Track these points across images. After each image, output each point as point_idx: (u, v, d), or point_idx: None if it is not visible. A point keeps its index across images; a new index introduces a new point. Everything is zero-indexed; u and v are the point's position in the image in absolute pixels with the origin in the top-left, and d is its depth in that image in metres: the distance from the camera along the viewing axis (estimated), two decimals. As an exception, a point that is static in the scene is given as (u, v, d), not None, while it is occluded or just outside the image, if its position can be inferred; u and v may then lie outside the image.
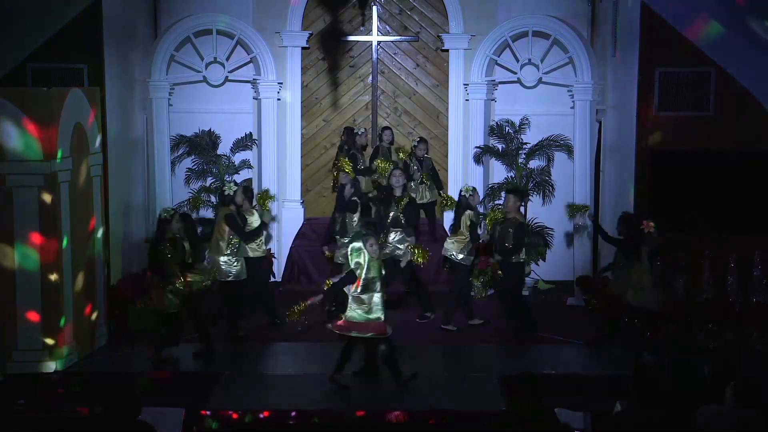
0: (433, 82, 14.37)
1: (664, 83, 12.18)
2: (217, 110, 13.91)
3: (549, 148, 13.45)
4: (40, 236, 9.90)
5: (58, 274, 10.00)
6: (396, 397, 9.38)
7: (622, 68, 12.83)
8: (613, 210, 13.24)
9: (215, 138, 13.57)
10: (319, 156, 14.51)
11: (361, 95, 14.46)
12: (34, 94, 10.07)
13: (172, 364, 10.37)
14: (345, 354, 9.66)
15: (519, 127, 13.41)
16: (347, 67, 14.40)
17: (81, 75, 12.00)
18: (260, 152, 13.79)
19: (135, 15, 13.28)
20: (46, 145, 9.85)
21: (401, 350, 10.09)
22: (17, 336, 9.95)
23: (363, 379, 9.81)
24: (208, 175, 13.53)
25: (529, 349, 10.93)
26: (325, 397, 9.45)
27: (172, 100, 13.57)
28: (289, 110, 13.93)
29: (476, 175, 13.70)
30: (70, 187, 10.23)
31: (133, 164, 13.28)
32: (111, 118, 12.16)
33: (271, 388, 9.75)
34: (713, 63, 11.98)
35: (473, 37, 13.75)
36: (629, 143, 12.49)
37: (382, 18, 14.25)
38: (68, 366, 10.16)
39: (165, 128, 13.41)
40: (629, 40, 12.46)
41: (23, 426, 7.23)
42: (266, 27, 13.76)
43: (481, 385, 9.70)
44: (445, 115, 14.21)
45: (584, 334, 11.28)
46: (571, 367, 10.45)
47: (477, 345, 11.15)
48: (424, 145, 13.27)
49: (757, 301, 11.02)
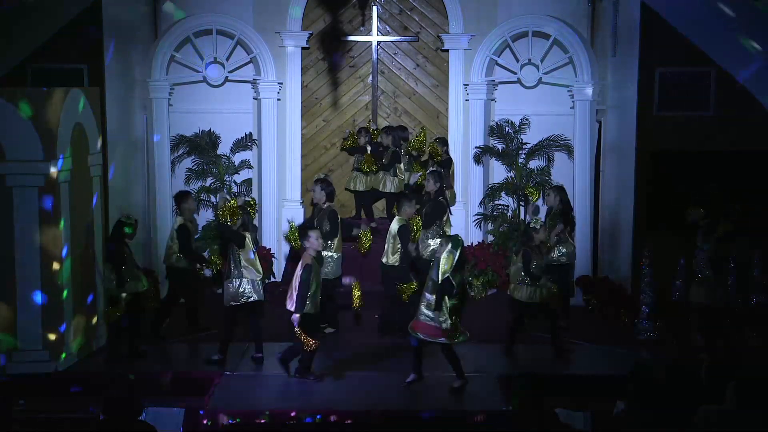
0: (433, 82, 14.36)
1: (664, 83, 12.19)
2: (217, 110, 13.90)
3: (549, 148, 13.44)
4: (41, 236, 9.90)
5: (58, 274, 10.00)
6: (396, 397, 9.39)
7: (622, 68, 12.83)
8: (613, 210, 13.26)
9: (215, 138, 13.57)
10: (319, 156, 14.51)
11: (361, 95, 14.46)
12: (34, 94, 10.07)
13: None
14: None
15: (519, 127, 13.41)
16: (347, 67, 14.40)
17: (81, 75, 12.01)
18: (260, 152, 13.78)
19: (135, 15, 13.27)
20: (46, 145, 9.85)
21: (401, 349, 10.10)
22: (17, 336, 9.95)
23: (364, 379, 9.82)
24: (208, 176, 13.53)
25: (529, 349, 10.93)
26: (326, 397, 9.45)
27: (172, 100, 13.57)
28: (289, 110, 13.93)
29: (476, 175, 13.70)
30: (70, 187, 10.24)
31: (133, 164, 13.28)
32: (111, 118, 12.16)
33: (271, 388, 9.76)
34: (713, 63, 11.99)
35: (473, 37, 13.74)
36: (629, 143, 12.50)
37: (382, 18, 14.25)
38: (68, 366, 10.16)
39: (165, 128, 13.41)
40: (629, 40, 12.47)
41: (23, 426, 7.23)
42: (266, 27, 13.76)
43: (481, 385, 9.70)
44: (445, 115, 14.20)
45: (584, 334, 11.30)
46: (571, 367, 10.46)
47: (477, 345, 11.15)
48: (443, 145, 13.20)
49: (757, 301, 11.03)
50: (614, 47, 13.09)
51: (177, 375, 10.06)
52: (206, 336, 11.31)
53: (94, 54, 12.04)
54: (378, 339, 11.33)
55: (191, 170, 13.59)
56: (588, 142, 13.40)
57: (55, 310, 10.01)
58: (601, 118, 13.67)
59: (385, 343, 11.15)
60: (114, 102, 12.35)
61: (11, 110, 9.79)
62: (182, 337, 11.30)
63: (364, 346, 11.12)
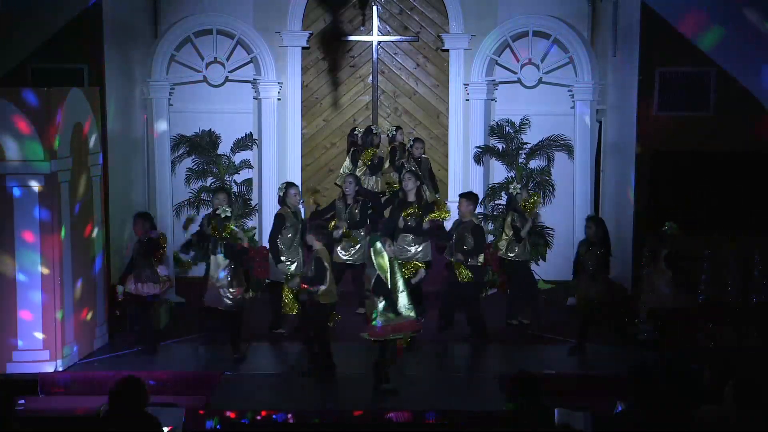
0: (433, 82, 14.36)
1: (664, 83, 12.19)
2: (217, 110, 13.91)
3: (549, 148, 13.44)
4: (40, 236, 9.91)
5: (58, 274, 10.00)
6: (397, 398, 9.39)
7: (622, 68, 12.83)
8: (613, 210, 13.26)
9: (215, 138, 13.57)
10: (319, 156, 14.51)
11: (361, 95, 14.46)
12: (34, 94, 10.07)
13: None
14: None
15: (519, 127, 13.41)
16: (347, 67, 14.40)
17: (81, 75, 12.00)
18: (260, 152, 13.79)
19: (135, 15, 13.27)
20: (46, 145, 9.85)
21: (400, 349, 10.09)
22: (17, 336, 9.95)
23: (362, 380, 9.83)
24: (209, 175, 13.53)
25: (529, 349, 10.93)
26: (325, 397, 9.46)
27: (172, 100, 13.57)
28: (289, 110, 13.93)
29: (476, 175, 13.70)
30: (70, 187, 10.24)
31: (133, 164, 13.28)
32: (111, 118, 12.16)
33: (271, 388, 9.76)
34: (713, 63, 11.99)
35: (473, 37, 13.75)
36: (629, 143, 12.50)
37: (383, 18, 14.25)
38: (68, 366, 10.17)
39: (165, 128, 13.42)
40: (629, 40, 12.47)
41: (23, 426, 7.22)
42: (266, 27, 13.76)
43: (481, 385, 9.70)
44: (446, 115, 14.20)
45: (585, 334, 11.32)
46: (571, 367, 10.46)
47: (477, 345, 11.15)
48: (420, 144, 13.26)
49: (757, 301, 11.03)
50: (614, 47, 13.10)
51: (177, 375, 10.08)
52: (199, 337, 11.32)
53: (94, 54, 12.03)
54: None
55: (191, 170, 13.58)
56: (588, 142, 13.40)
57: (56, 311, 10.01)
58: (601, 118, 13.67)
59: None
60: (114, 102, 12.35)
61: (11, 110, 9.79)
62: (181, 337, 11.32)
63: (365, 345, 11.13)
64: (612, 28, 13.07)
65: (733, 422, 6.53)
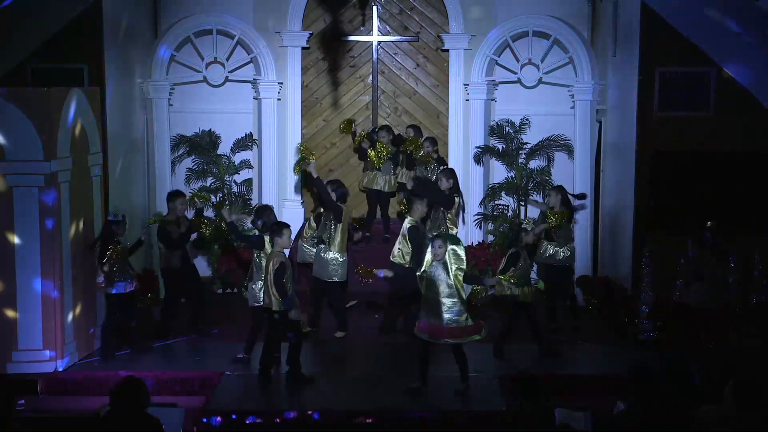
0: (433, 82, 14.36)
1: (664, 83, 12.19)
2: (217, 110, 13.91)
3: (549, 148, 13.45)
4: (40, 236, 9.90)
5: (58, 274, 10.00)
6: (397, 398, 9.39)
7: (622, 68, 12.83)
8: (613, 210, 13.26)
9: (215, 138, 13.58)
10: (319, 156, 14.47)
11: (361, 95, 14.46)
12: (34, 94, 10.07)
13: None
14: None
15: (519, 127, 13.41)
16: (347, 67, 14.40)
17: (81, 75, 12.00)
18: (260, 152, 13.79)
19: (135, 15, 13.27)
20: (46, 145, 9.85)
21: (401, 349, 10.09)
22: (17, 336, 9.95)
23: (363, 379, 9.82)
24: (209, 175, 13.54)
25: (529, 350, 10.92)
26: (325, 397, 9.45)
27: (172, 100, 13.57)
28: (289, 110, 13.93)
29: (476, 175, 13.70)
30: (70, 187, 10.24)
31: (133, 164, 13.28)
32: (111, 118, 12.16)
33: (271, 388, 9.76)
34: (713, 63, 11.98)
35: (473, 37, 13.74)
36: (629, 143, 12.50)
37: (383, 18, 14.25)
38: (68, 366, 10.17)
39: (165, 128, 13.41)
40: (629, 40, 12.47)
41: (23, 426, 7.22)
42: (266, 27, 13.76)
43: (481, 385, 9.70)
44: (446, 115, 14.20)
45: (585, 334, 11.31)
46: (571, 367, 10.46)
47: (477, 345, 11.13)
48: (431, 144, 12.93)
49: (757, 301, 11.03)
50: (614, 47, 13.09)
51: (177, 375, 10.08)
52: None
53: (94, 54, 12.03)
54: (378, 339, 11.33)
55: (191, 170, 13.60)
56: (588, 142, 13.41)
57: (56, 310, 10.01)
58: (601, 118, 13.67)
59: (386, 342, 11.16)
60: (114, 102, 12.35)
61: (12, 110, 9.79)
62: (180, 337, 11.32)
63: (364, 345, 11.14)
64: (612, 28, 13.06)
65: (733, 422, 6.54)
